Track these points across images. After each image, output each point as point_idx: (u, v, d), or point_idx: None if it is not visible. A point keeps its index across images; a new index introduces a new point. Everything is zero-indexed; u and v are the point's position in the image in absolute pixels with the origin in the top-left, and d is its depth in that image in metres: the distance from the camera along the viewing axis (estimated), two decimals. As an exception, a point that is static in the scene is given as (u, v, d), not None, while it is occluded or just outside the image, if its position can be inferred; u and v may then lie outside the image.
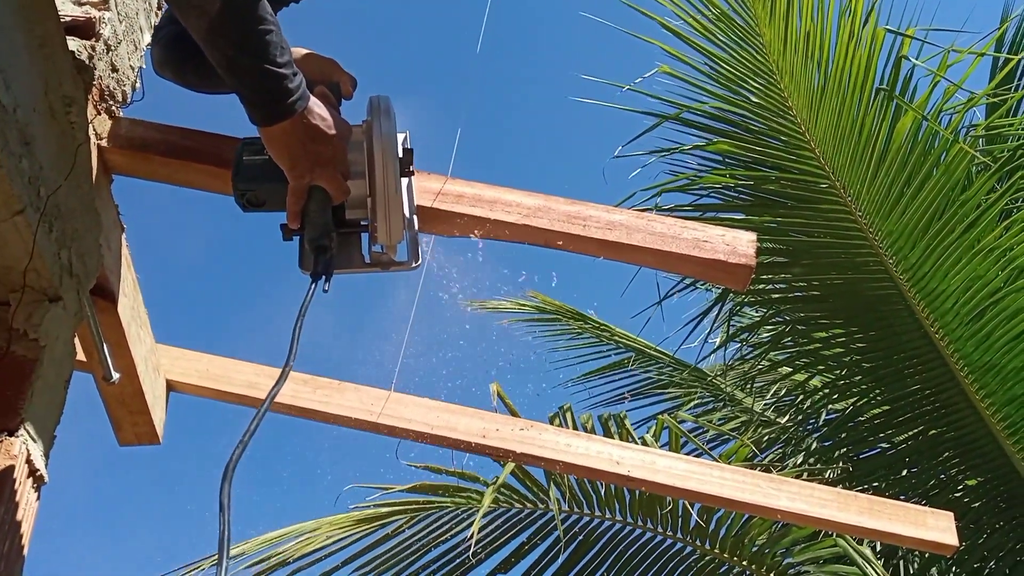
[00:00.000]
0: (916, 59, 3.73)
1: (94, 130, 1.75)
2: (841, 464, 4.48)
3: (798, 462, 4.66)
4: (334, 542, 3.62)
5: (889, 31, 3.71)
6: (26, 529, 1.30)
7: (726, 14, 4.01)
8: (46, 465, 1.37)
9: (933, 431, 4.19)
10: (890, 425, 4.31)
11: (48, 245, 1.44)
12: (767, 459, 4.84)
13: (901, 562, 4.43)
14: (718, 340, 4.83)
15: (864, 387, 4.36)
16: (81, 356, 1.79)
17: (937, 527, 2.28)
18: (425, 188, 1.77)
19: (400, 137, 1.62)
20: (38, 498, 1.34)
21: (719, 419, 5.30)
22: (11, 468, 1.25)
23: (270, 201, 1.61)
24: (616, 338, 5.70)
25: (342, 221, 1.60)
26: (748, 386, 5.28)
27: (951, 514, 2.32)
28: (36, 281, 1.41)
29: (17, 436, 1.29)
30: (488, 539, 3.85)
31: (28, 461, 1.30)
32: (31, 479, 1.31)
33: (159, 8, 2.13)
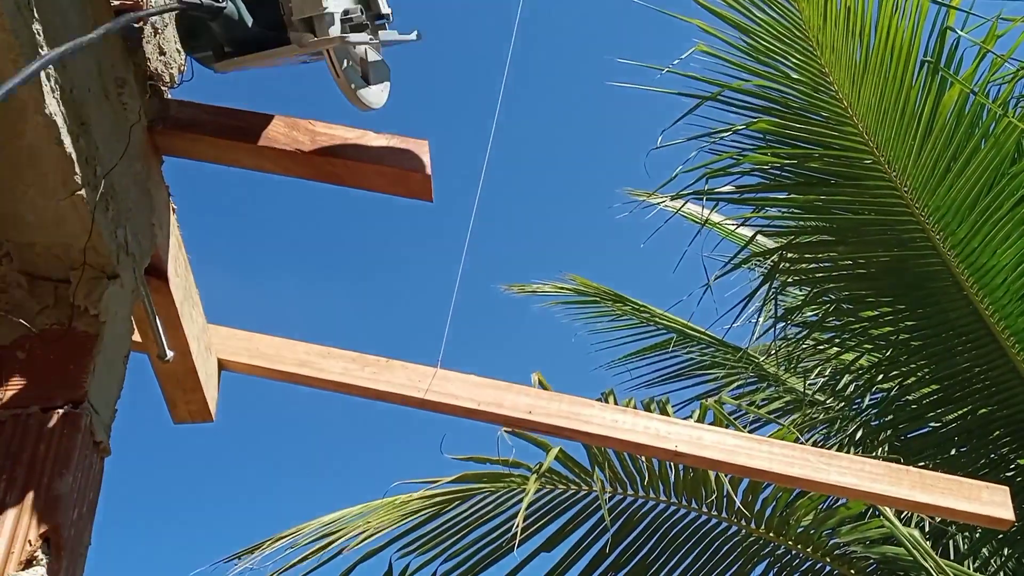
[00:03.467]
0: (962, 30, 3.65)
1: (144, 111, 1.78)
2: (888, 446, 4.42)
3: (844, 442, 4.61)
4: (381, 526, 3.66)
5: (933, 1, 3.63)
6: (92, 498, 1.33)
7: (764, -11, 3.96)
8: (108, 437, 1.40)
9: (984, 409, 4.11)
10: (939, 404, 4.24)
11: (105, 223, 1.47)
12: (811, 440, 4.79)
13: (951, 542, 4.37)
14: (763, 320, 4.78)
15: (912, 366, 4.29)
16: (135, 336, 1.83)
17: (992, 501, 2.25)
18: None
19: None
20: (102, 469, 1.37)
21: (763, 399, 5.26)
22: (78, 438, 1.29)
23: None
24: (656, 319, 5.68)
25: None
26: (793, 366, 5.22)
27: (1007, 488, 2.28)
28: (95, 259, 1.44)
29: (81, 408, 1.32)
30: (531, 519, 3.86)
31: (92, 432, 1.34)
32: (95, 450, 1.34)
33: (203, -7, 2.15)
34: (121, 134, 1.57)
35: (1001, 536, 4.13)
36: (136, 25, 1.77)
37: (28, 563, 1.18)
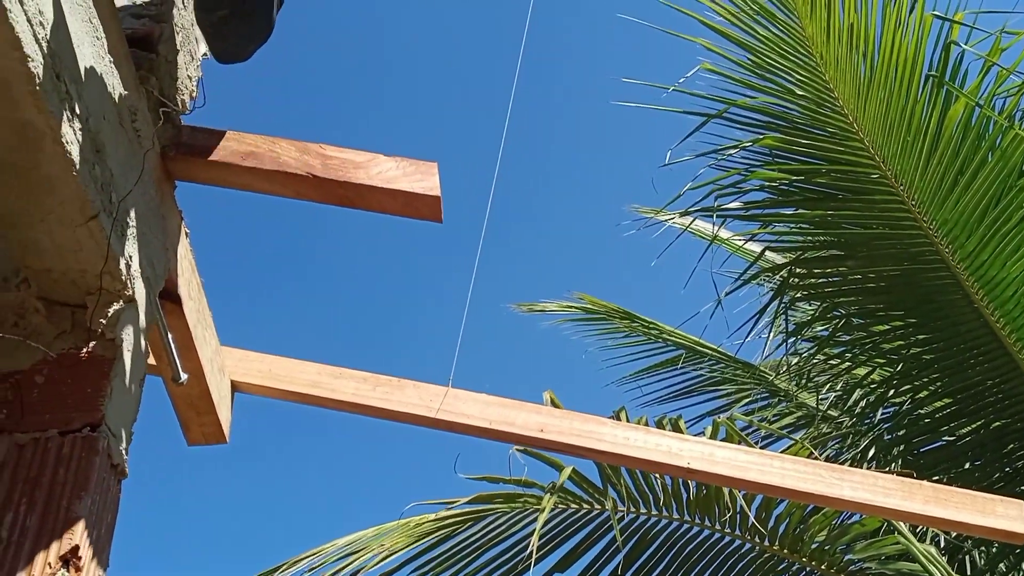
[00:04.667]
0: (966, 44, 3.67)
1: (157, 138, 1.81)
2: (901, 460, 4.40)
3: (856, 458, 4.58)
4: (396, 547, 3.66)
5: (937, 17, 3.66)
6: (110, 520, 1.35)
7: (765, 8, 3.99)
8: (125, 460, 1.41)
9: (997, 423, 4.09)
10: (952, 418, 4.22)
11: (121, 249, 1.49)
12: (823, 456, 4.77)
13: (967, 558, 4.33)
14: (772, 335, 4.78)
15: (925, 380, 4.27)
16: (149, 360, 1.85)
17: (1007, 515, 2.24)
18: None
19: None
20: (119, 492, 1.39)
21: (774, 415, 5.24)
22: (96, 461, 1.30)
23: None
24: (665, 336, 5.68)
25: None
26: (804, 382, 5.21)
27: (1021, 502, 2.27)
28: (111, 284, 1.46)
29: (99, 431, 1.34)
30: (544, 539, 3.86)
31: (110, 455, 1.35)
32: (113, 472, 1.36)
33: (214, 21, 2.19)
34: (135, 161, 1.60)
35: (1019, 551, 4.09)
36: (148, 54, 1.80)
37: (48, 585, 1.19)
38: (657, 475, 3.83)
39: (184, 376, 2.01)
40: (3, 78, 1.15)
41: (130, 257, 1.53)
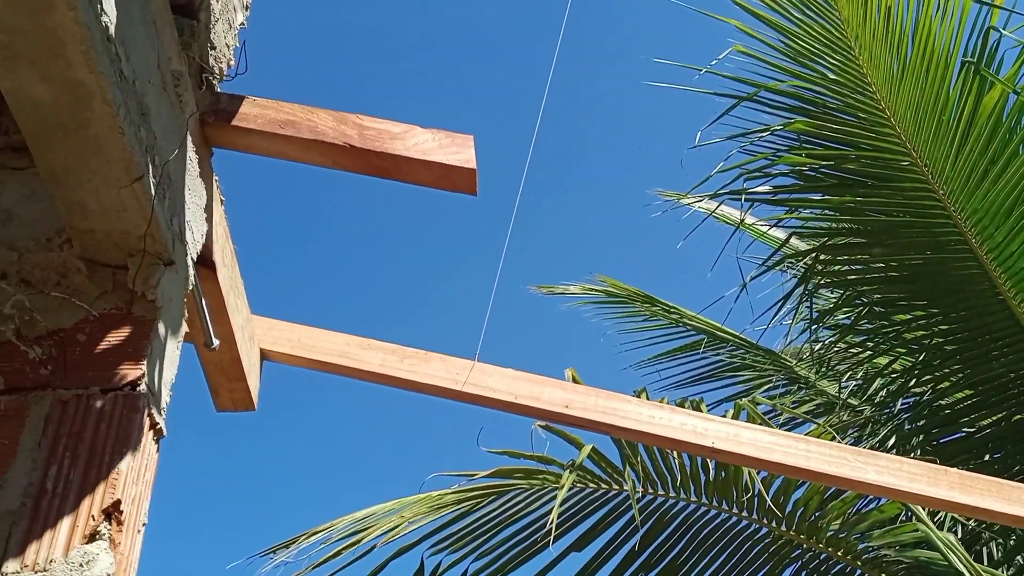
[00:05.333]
0: (1004, 29, 3.62)
1: (196, 104, 1.82)
2: (920, 450, 4.39)
3: (876, 446, 4.57)
4: (415, 520, 3.70)
5: (976, 1, 3.61)
6: (149, 478, 1.37)
7: (802, -10, 3.95)
8: (164, 419, 1.43)
9: (1019, 415, 4.08)
10: (974, 409, 4.20)
11: (162, 212, 1.51)
12: (843, 442, 4.76)
13: (984, 548, 4.32)
14: (794, 322, 4.76)
15: (947, 370, 4.26)
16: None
17: (1032, 503, 2.23)
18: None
19: None
20: (158, 450, 1.41)
21: (793, 402, 5.24)
22: (136, 419, 1.32)
23: None
24: (686, 321, 5.67)
25: None
26: (824, 369, 5.20)
27: (1047, 491, 2.27)
28: (152, 246, 1.48)
29: (139, 390, 1.36)
30: (562, 517, 3.88)
31: (150, 414, 1.37)
32: (152, 431, 1.38)
33: (251, -10, 2.20)
34: (177, 126, 1.61)
35: (1037, 543, 4.08)
36: (190, 20, 1.81)
37: (92, 537, 1.22)
38: (676, 457, 3.83)
39: (216, 342, 2.03)
40: (59, 37, 1.16)
41: (170, 221, 1.54)
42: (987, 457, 4.28)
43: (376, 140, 1.84)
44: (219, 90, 1.93)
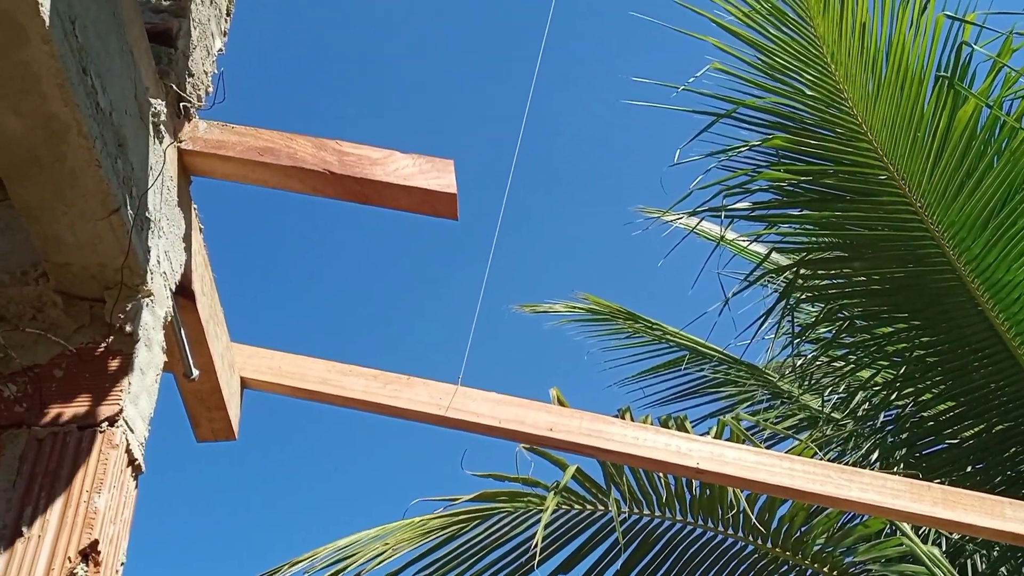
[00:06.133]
0: (976, 44, 3.66)
1: (174, 133, 1.81)
2: (904, 463, 4.40)
3: (859, 460, 4.59)
4: (400, 547, 3.66)
5: (948, 17, 3.66)
6: (127, 516, 1.34)
7: (777, 7, 3.98)
8: (143, 455, 1.41)
9: (1000, 426, 4.10)
10: (956, 421, 4.22)
11: (140, 244, 1.49)
12: (826, 457, 4.77)
13: (968, 561, 4.34)
14: (776, 337, 4.78)
15: (928, 383, 4.28)
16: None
17: (1016, 517, 2.24)
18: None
19: None
20: (136, 486, 1.38)
21: (776, 417, 5.25)
22: (114, 456, 1.30)
23: None
24: (669, 337, 5.68)
25: None
26: (807, 383, 5.22)
27: (1030, 505, 2.28)
28: (130, 278, 1.46)
29: (117, 426, 1.34)
30: (548, 540, 3.86)
31: (128, 450, 1.35)
32: (130, 468, 1.36)
33: (228, 15, 2.19)
34: (155, 155, 1.60)
35: (1021, 555, 4.10)
36: (167, 49, 1.80)
37: (69, 580, 1.19)
38: (660, 476, 3.83)
39: (196, 372, 2.01)
40: (33, 71, 1.15)
41: (148, 252, 1.52)
42: (969, 468, 4.30)
43: (356, 166, 1.83)
44: (197, 118, 1.92)
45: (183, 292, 1.88)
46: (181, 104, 1.83)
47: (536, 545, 3.22)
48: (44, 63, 1.14)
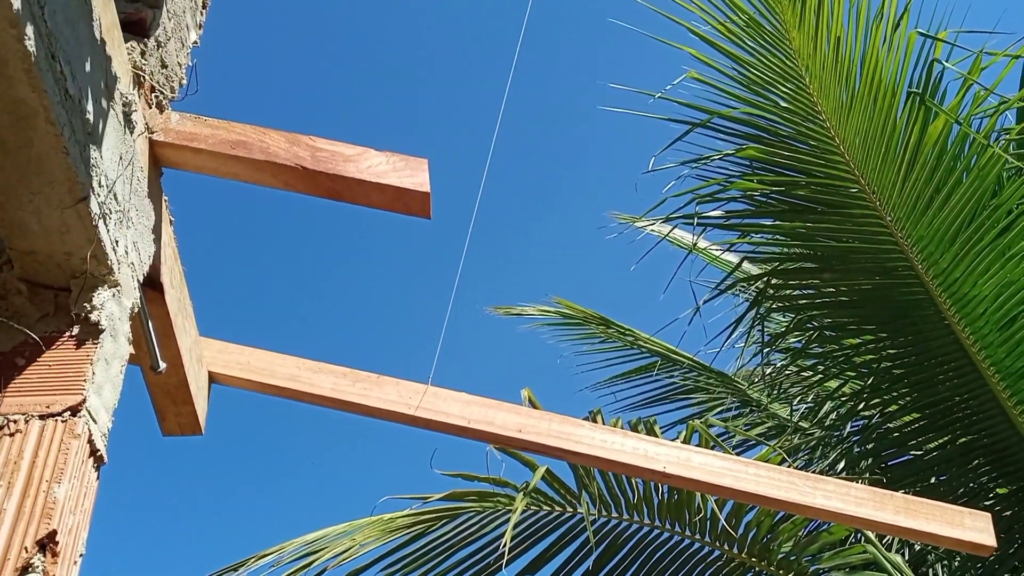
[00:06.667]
0: (947, 62, 3.72)
1: (146, 123, 1.80)
2: (869, 473, 4.45)
3: (825, 469, 4.63)
4: (367, 544, 3.65)
5: (921, 34, 3.71)
6: (88, 506, 1.33)
7: (754, 20, 4.02)
8: (105, 446, 1.40)
9: (964, 438, 4.16)
10: (920, 432, 4.28)
11: (107, 233, 1.48)
12: (793, 465, 4.82)
13: (930, 570, 4.39)
14: (746, 345, 4.82)
15: (895, 394, 4.33)
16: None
17: (975, 527, 2.28)
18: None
19: None
20: (98, 477, 1.37)
21: (745, 425, 5.29)
22: (75, 446, 1.29)
23: None
24: (640, 343, 5.71)
25: None
26: (776, 392, 5.26)
27: (988, 515, 2.32)
28: (96, 268, 1.45)
29: (80, 416, 1.33)
30: (516, 540, 3.86)
31: (90, 441, 1.34)
32: (92, 458, 1.34)
33: (204, 7, 2.18)
34: (125, 145, 1.58)
35: (980, 565, 4.16)
36: (141, 39, 1.79)
37: (24, 570, 1.18)
38: (629, 479, 3.84)
39: (163, 365, 2.00)
40: (1, 56, 1.14)
41: (116, 242, 1.51)
42: (933, 480, 4.36)
43: (329, 162, 1.83)
44: (170, 109, 1.91)
45: (151, 284, 1.87)
46: (154, 95, 1.82)
47: (505, 545, 3.22)
48: (11, 47, 1.13)
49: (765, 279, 4.37)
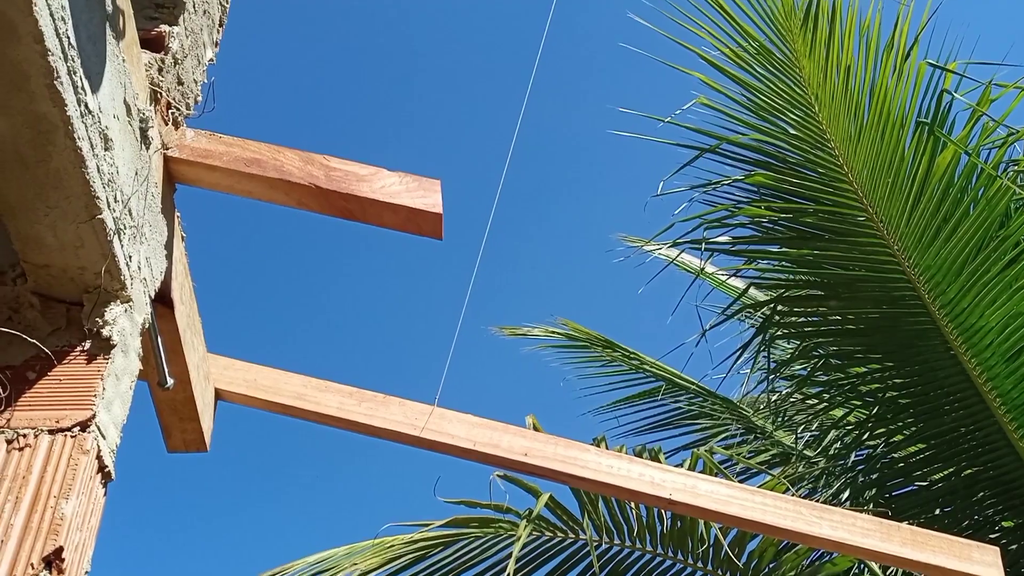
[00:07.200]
0: (956, 93, 3.74)
1: (161, 140, 1.80)
2: (873, 503, 4.42)
3: (829, 499, 4.60)
4: (368, 568, 3.63)
5: (930, 65, 3.73)
6: (94, 523, 1.32)
7: (765, 47, 4.05)
8: (114, 462, 1.39)
9: (970, 470, 4.13)
10: (926, 463, 4.25)
11: (121, 249, 1.48)
12: (797, 494, 4.78)
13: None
14: (751, 371, 4.80)
15: (900, 424, 4.31)
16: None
17: (983, 561, 2.26)
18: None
19: None
20: (105, 493, 1.36)
21: (749, 452, 5.26)
22: (84, 462, 1.28)
23: None
24: (645, 367, 5.69)
25: None
26: (781, 419, 5.24)
27: (997, 549, 2.29)
28: (109, 283, 1.45)
29: (89, 431, 1.32)
30: (518, 567, 3.83)
31: (98, 457, 1.33)
32: (100, 474, 1.34)
33: (221, 25, 2.19)
34: (141, 161, 1.59)
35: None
36: (158, 55, 1.80)
37: (31, 586, 1.17)
38: (632, 506, 3.82)
39: (171, 381, 1.99)
40: (23, 70, 1.14)
41: (129, 257, 1.51)
42: (937, 511, 4.33)
43: (343, 181, 1.83)
44: (185, 126, 1.91)
45: (162, 300, 1.87)
46: (170, 111, 1.82)
47: (509, 571, 3.20)
48: (34, 62, 1.14)
49: (771, 306, 4.37)
